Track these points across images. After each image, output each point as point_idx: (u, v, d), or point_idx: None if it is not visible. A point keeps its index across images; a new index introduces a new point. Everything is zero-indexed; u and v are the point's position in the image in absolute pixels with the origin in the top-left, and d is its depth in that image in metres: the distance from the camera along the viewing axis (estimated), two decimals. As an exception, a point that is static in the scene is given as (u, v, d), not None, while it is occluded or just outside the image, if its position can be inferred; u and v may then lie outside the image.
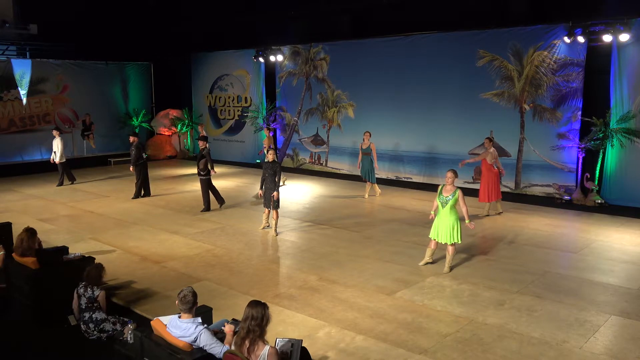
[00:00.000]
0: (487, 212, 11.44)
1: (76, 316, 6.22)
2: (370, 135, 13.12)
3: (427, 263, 8.26)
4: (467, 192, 12.17)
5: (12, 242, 7.55)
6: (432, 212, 8.17)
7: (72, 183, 15.14)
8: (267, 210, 10.20)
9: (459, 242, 7.97)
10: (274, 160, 9.91)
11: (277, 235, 9.96)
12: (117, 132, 19.96)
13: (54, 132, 14.82)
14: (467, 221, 7.87)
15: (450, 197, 7.80)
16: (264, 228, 10.38)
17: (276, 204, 9.91)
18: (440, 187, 8.02)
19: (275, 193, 9.77)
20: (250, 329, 4.26)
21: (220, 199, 12.08)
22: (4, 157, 17.47)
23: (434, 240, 8.05)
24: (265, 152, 14.46)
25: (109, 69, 20.24)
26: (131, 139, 13.23)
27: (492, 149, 11.42)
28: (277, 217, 10.06)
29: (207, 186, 11.92)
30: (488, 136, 11.84)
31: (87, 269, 6.19)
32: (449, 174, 7.89)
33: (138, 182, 13.25)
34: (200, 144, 11.95)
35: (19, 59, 17.92)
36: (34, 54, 18.38)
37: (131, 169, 13.13)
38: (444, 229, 7.86)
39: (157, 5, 19.59)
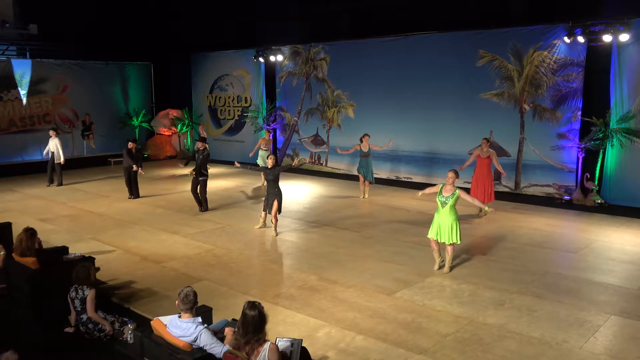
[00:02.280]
0: (484, 212, 11.45)
1: (72, 321, 6.19)
2: (369, 138, 13.10)
3: (440, 267, 8.09)
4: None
5: (12, 242, 7.54)
6: (420, 193, 8.37)
7: (49, 185, 14.93)
8: (264, 213, 10.20)
9: (459, 242, 7.96)
10: (274, 166, 9.90)
11: (277, 235, 9.96)
12: (117, 132, 19.95)
13: (51, 132, 14.83)
14: (486, 208, 8.28)
15: (450, 197, 7.78)
16: (260, 228, 10.38)
17: (278, 210, 9.90)
18: (440, 186, 7.99)
19: (275, 202, 9.78)
20: (249, 332, 4.26)
21: (201, 203, 12.03)
22: (4, 157, 17.46)
23: (434, 239, 8.04)
24: (263, 149, 14.54)
25: (109, 69, 20.23)
26: (131, 144, 13.11)
27: (492, 151, 11.38)
28: (277, 220, 10.05)
29: (205, 186, 11.92)
30: (486, 137, 11.80)
31: (74, 269, 6.14)
32: (450, 174, 7.87)
33: (135, 182, 13.33)
34: (200, 145, 11.90)
35: (19, 59, 17.92)
36: (34, 54, 18.37)
37: (140, 171, 13.17)
38: (444, 228, 7.84)
39: (157, 5, 19.59)
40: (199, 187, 11.83)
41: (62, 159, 14.79)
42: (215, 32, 19.71)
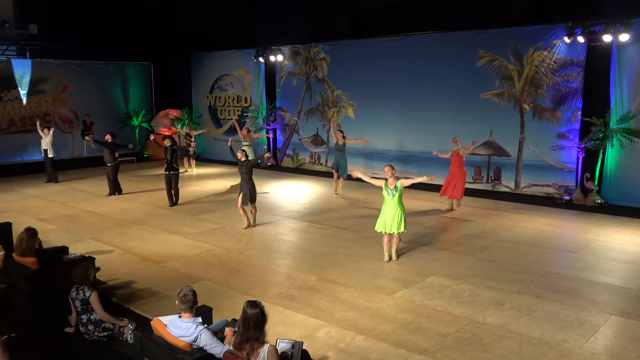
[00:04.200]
0: (450, 207, 11.72)
1: (72, 322, 6.18)
2: (342, 133, 13.55)
3: (390, 258, 8.49)
4: (467, 192, 12.24)
5: (12, 242, 7.54)
6: (358, 175, 8.70)
7: (51, 182, 15.26)
8: (243, 208, 10.42)
9: (405, 231, 8.29)
10: (246, 160, 10.43)
11: (254, 225, 10.38)
12: (117, 132, 19.90)
13: (45, 131, 15.09)
14: (424, 178, 8.42)
15: (395, 189, 8.11)
16: (247, 227, 10.43)
17: (253, 198, 10.34)
18: (384, 182, 8.25)
19: (242, 194, 10.24)
20: (250, 329, 4.26)
21: (172, 199, 12.48)
22: (4, 157, 17.45)
23: (387, 233, 8.28)
24: (244, 144, 14.73)
25: (109, 69, 20.22)
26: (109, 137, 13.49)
27: (461, 149, 11.53)
28: (256, 210, 10.48)
29: (178, 180, 12.42)
30: (456, 137, 11.80)
31: (74, 269, 6.14)
32: (387, 169, 8.22)
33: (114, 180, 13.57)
34: (167, 142, 12.21)
35: (19, 59, 17.89)
36: (34, 54, 18.36)
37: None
38: (393, 219, 8.14)
39: (157, 5, 19.59)
40: (172, 182, 12.25)
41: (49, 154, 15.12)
42: (215, 32, 19.71)
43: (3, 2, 16.42)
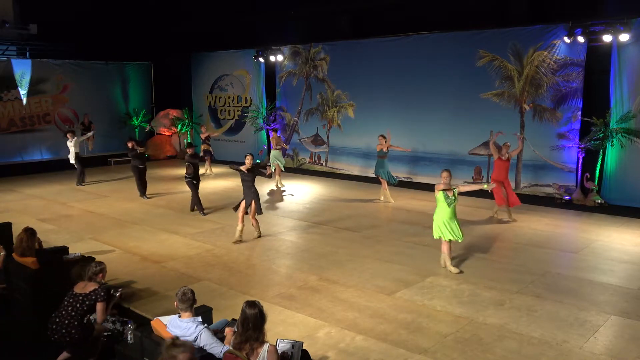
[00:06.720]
0: (510, 217, 10.98)
1: None
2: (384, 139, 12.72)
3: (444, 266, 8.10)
4: (467, 192, 12.22)
5: (12, 242, 7.54)
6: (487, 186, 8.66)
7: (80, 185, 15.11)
8: (242, 219, 9.52)
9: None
10: (252, 167, 9.58)
11: (260, 236, 9.75)
12: (117, 132, 19.96)
13: (69, 135, 14.81)
14: (485, 186, 8.58)
15: (454, 196, 7.75)
16: (237, 241, 9.51)
17: (258, 211, 9.55)
18: (441, 190, 7.73)
19: (254, 203, 9.45)
20: (249, 329, 4.26)
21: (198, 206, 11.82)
22: (4, 157, 17.47)
23: (447, 241, 7.90)
24: (275, 148, 14.49)
25: (109, 69, 20.24)
26: (131, 144, 13.21)
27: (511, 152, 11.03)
28: (257, 221, 9.69)
29: (194, 189, 11.65)
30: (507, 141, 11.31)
31: (72, 270, 6.13)
32: (446, 174, 7.74)
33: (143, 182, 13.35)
34: (190, 150, 11.76)
35: (19, 59, 17.92)
36: (34, 54, 18.38)
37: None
38: (455, 226, 7.80)
39: (157, 5, 19.60)
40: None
41: (72, 160, 14.90)
42: (215, 32, 19.71)
43: (3, 2, 16.43)
